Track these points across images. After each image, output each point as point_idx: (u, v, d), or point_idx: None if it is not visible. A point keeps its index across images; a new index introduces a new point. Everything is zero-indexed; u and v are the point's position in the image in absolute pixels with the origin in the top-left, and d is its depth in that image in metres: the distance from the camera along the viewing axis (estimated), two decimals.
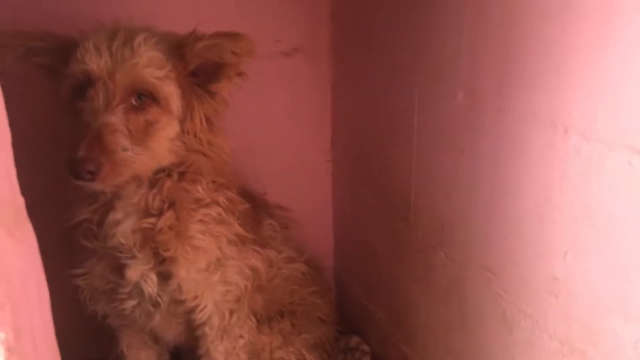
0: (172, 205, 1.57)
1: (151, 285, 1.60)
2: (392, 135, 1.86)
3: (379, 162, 1.98)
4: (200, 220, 1.61)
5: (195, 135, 1.54)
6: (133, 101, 1.46)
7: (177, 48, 1.50)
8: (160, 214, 1.56)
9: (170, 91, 1.48)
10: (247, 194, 1.87)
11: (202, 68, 1.53)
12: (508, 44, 1.34)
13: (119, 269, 1.61)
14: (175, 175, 1.56)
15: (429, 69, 1.63)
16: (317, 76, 2.24)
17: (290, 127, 2.27)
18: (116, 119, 1.42)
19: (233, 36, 1.47)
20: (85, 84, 1.45)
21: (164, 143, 1.51)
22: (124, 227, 1.56)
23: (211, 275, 1.66)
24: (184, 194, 1.57)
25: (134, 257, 1.58)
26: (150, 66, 1.46)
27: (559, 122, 1.22)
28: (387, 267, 2.02)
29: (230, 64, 1.51)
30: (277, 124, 2.25)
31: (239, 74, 1.57)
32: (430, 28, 1.59)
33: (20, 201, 0.72)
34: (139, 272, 1.59)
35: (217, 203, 1.65)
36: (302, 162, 2.33)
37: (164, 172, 1.55)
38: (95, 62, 1.43)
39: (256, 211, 1.91)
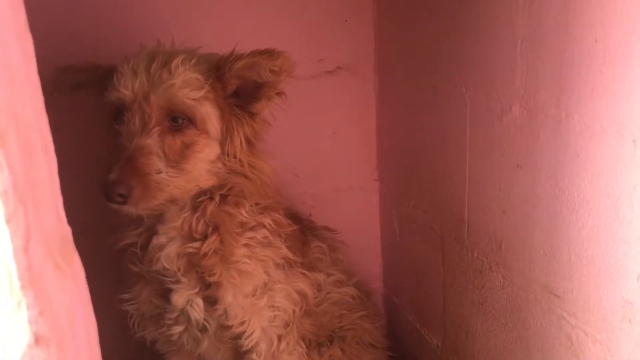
0: (216, 229, 1.54)
1: (197, 311, 1.57)
2: (442, 152, 1.80)
3: (429, 180, 1.91)
4: (246, 244, 1.57)
5: (235, 157, 1.52)
6: (169, 123, 1.44)
7: (216, 69, 1.48)
8: (204, 238, 1.53)
9: (208, 112, 1.46)
10: (293, 216, 1.83)
11: (242, 89, 1.51)
12: (566, 52, 1.26)
13: (166, 294, 1.59)
14: (217, 198, 1.53)
15: (481, 82, 1.56)
16: (362, 94, 2.20)
17: (335, 146, 2.23)
18: (151, 141, 1.41)
19: (269, 53, 1.44)
20: (122, 108, 1.45)
21: (201, 165, 1.48)
22: (168, 252, 1.54)
23: (258, 300, 1.62)
24: (227, 218, 1.54)
25: (179, 281, 1.55)
26: (186, 87, 1.44)
27: (627, 133, 1.14)
28: (440, 289, 1.94)
29: (269, 83, 1.49)
30: (322, 143, 2.21)
31: (279, 94, 1.55)
32: (482, 40, 1.53)
33: (68, 232, 0.69)
34: (185, 297, 1.56)
35: (263, 226, 1.61)
36: (348, 182, 2.28)
37: (205, 195, 1.52)
38: (130, 85, 1.43)
39: (303, 233, 1.86)
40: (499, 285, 1.61)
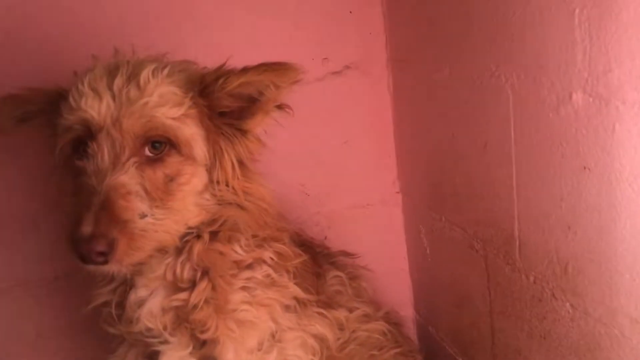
0: (205, 273, 1.27)
1: None
2: (480, 155, 1.50)
3: (465, 190, 1.61)
4: (244, 287, 1.30)
5: (227, 185, 1.26)
6: (147, 152, 1.18)
7: (200, 82, 1.23)
8: (192, 286, 1.26)
9: (192, 133, 1.21)
10: (302, 243, 1.54)
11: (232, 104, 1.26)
12: None
13: (154, 357, 1.30)
14: (206, 236, 1.26)
15: (528, 67, 1.27)
16: (375, 95, 1.93)
17: (349, 157, 1.95)
18: (128, 177, 1.14)
19: (278, 69, 1.20)
20: (84, 138, 1.18)
21: (190, 200, 1.22)
22: (150, 308, 1.27)
23: (266, 355, 1.34)
24: (218, 258, 1.27)
25: (167, 342, 1.28)
26: (164, 105, 1.18)
27: None
28: (487, 317, 1.64)
29: (268, 97, 1.25)
30: (333, 155, 1.93)
31: (279, 107, 1.30)
32: (526, 13, 1.23)
33: None
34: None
35: (263, 261, 1.34)
36: (365, 197, 2.00)
37: (191, 234, 1.26)
38: (94, 107, 1.16)
39: (316, 262, 1.56)
40: (567, 317, 1.30)
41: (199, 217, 1.25)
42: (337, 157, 1.93)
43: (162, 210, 1.17)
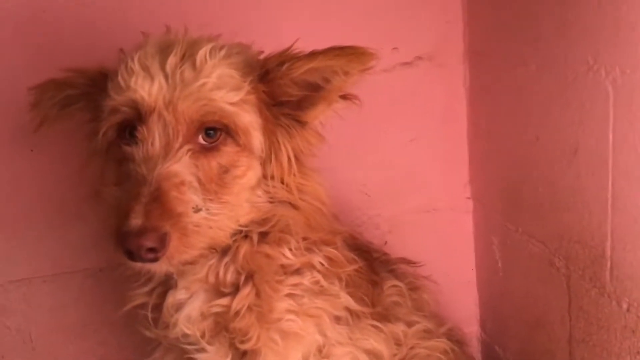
0: (250, 277, 1.16)
1: None
2: (570, 160, 1.32)
3: (548, 199, 1.43)
4: (290, 295, 1.18)
5: (281, 181, 1.15)
6: (202, 140, 1.07)
7: (261, 67, 1.13)
8: (235, 291, 1.15)
9: (251, 121, 1.10)
10: (358, 247, 1.41)
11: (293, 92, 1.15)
12: None
13: None
14: (255, 237, 1.15)
15: (635, 61, 1.07)
16: (449, 89, 1.76)
17: (416, 156, 1.79)
18: (181, 166, 1.03)
19: (351, 53, 1.09)
20: (132, 121, 1.08)
21: (244, 195, 1.12)
22: (188, 312, 1.16)
23: None
24: (265, 261, 1.16)
25: (204, 350, 1.17)
26: (222, 88, 1.07)
27: None
28: (565, 344, 1.45)
29: (334, 85, 1.12)
30: (399, 153, 1.78)
31: (344, 97, 1.17)
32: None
33: None
34: None
35: (312, 267, 1.21)
36: (432, 201, 1.84)
37: (239, 234, 1.14)
38: (144, 87, 1.05)
39: (373, 270, 1.42)
40: None
41: (250, 216, 1.14)
42: (402, 156, 1.77)
43: (217, 205, 1.06)
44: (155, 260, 1.00)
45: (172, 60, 1.07)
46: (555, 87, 1.34)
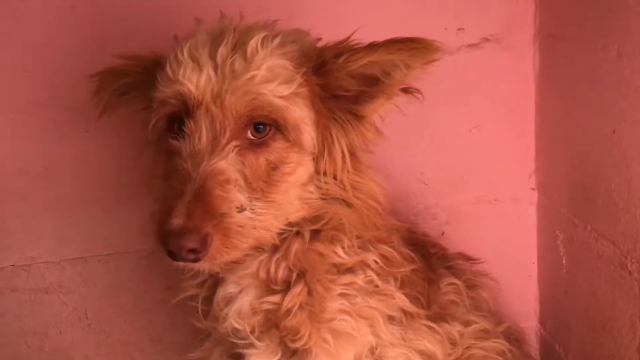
0: (302, 275, 1.12)
1: None
2: None
3: (624, 196, 1.33)
4: (342, 294, 1.14)
5: (335, 177, 1.09)
6: (250, 135, 1.03)
7: (317, 58, 1.06)
8: (286, 288, 1.12)
9: (302, 116, 1.04)
10: (415, 242, 1.35)
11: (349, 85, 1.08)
12: None
13: (239, 358, 1.18)
14: (307, 235, 1.11)
15: None
16: (516, 74, 1.66)
17: (478, 144, 1.70)
18: (227, 163, 1.00)
19: (414, 46, 1.01)
20: (180, 114, 1.04)
21: (293, 192, 1.07)
22: (239, 307, 1.14)
23: None
24: (317, 259, 1.12)
25: (253, 346, 1.14)
26: (273, 81, 1.02)
27: None
28: (634, 353, 1.36)
29: (395, 79, 1.05)
30: (460, 141, 1.70)
31: (405, 90, 1.10)
32: None
33: None
34: None
35: (367, 265, 1.16)
36: (494, 191, 1.74)
37: (290, 231, 1.11)
38: (192, 79, 1.01)
39: (430, 267, 1.36)
40: None
41: (301, 213, 1.10)
42: (464, 143, 1.68)
43: (263, 204, 1.03)
44: (196, 260, 0.98)
45: (222, 51, 1.03)
46: (637, 75, 1.23)
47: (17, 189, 1.61)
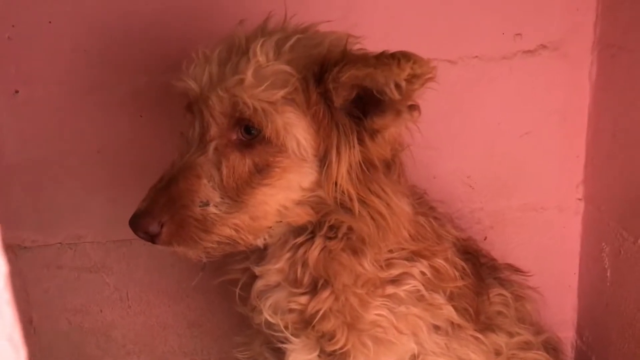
0: (328, 283, 1.12)
1: None
2: None
3: None
4: (382, 305, 1.14)
5: (341, 187, 1.06)
6: (239, 135, 1.04)
7: (321, 65, 1.03)
8: (313, 290, 1.13)
9: (289, 122, 1.02)
10: (468, 251, 1.35)
11: (361, 94, 1.05)
12: None
13: (279, 351, 1.21)
14: (319, 242, 1.10)
15: None
16: (572, 82, 1.62)
17: (528, 151, 1.68)
18: (205, 159, 1.04)
19: (389, 62, 0.95)
20: (189, 107, 1.11)
21: (281, 196, 1.06)
22: (273, 302, 1.16)
23: None
24: (343, 271, 1.11)
25: (289, 341, 1.17)
26: (260, 85, 1.01)
27: None
28: None
29: (391, 98, 1.00)
30: (509, 146, 1.68)
31: (411, 108, 1.05)
32: None
33: None
34: None
35: (412, 276, 1.16)
36: (541, 199, 1.72)
37: (304, 236, 1.12)
38: (196, 76, 1.06)
39: (480, 277, 1.35)
40: None
41: (303, 217, 1.10)
42: (513, 149, 1.66)
43: (233, 202, 1.04)
44: (151, 241, 1.05)
45: (234, 52, 1.06)
46: None
47: (69, 168, 1.64)
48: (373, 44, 1.10)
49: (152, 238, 1.04)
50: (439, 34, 1.57)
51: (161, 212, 1.02)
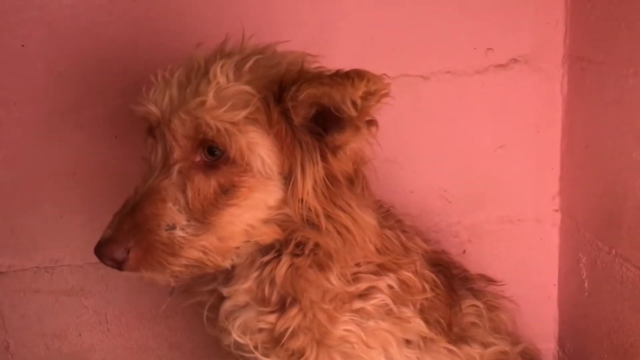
0: (295, 300, 1.12)
1: None
2: None
3: None
4: (350, 320, 1.14)
5: (307, 204, 1.06)
6: (203, 157, 1.04)
7: (279, 84, 1.05)
8: (281, 308, 1.13)
9: (253, 142, 1.02)
10: (439, 263, 1.35)
11: (320, 112, 1.06)
12: None
13: None
14: (285, 259, 1.10)
15: None
16: (544, 95, 1.65)
17: (503, 164, 1.69)
18: (169, 182, 1.04)
19: (343, 81, 0.97)
20: (150, 131, 1.11)
21: (248, 216, 1.06)
22: (242, 322, 1.15)
23: None
24: (309, 287, 1.11)
25: None
26: (222, 106, 1.01)
27: None
28: None
29: (348, 114, 1.02)
30: (485, 160, 1.69)
31: (370, 123, 1.07)
32: None
33: None
34: None
35: (379, 290, 1.16)
36: (517, 211, 1.73)
37: (270, 254, 1.12)
38: (157, 100, 1.06)
39: (452, 288, 1.35)
40: None
41: (271, 235, 1.09)
42: (489, 162, 1.68)
43: (200, 225, 1.04)
44: (119, 268, 1.02)
45: (193, 75, 1.06)
46: None
47: (44, 191, 1.64)
48: (346, 62, 1.11)
49: (119, 265, 1.02)
50: (411, 50, 1.58)
51: (127, 237, 1.01)
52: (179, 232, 1.03)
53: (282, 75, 1.05)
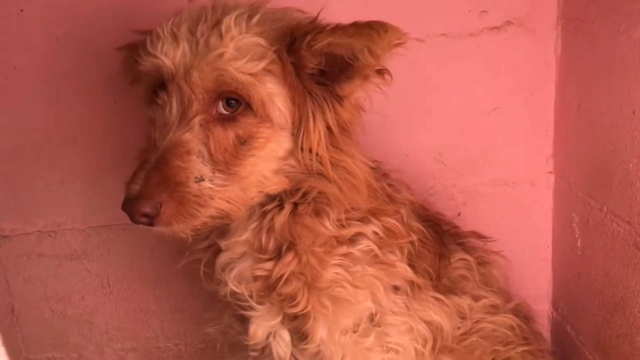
0: (291, 246, 1.15)
1: (283, 347, 1.21)
2: None
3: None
4: (338, 264, 1.17)
5: (312, 153, 1.11)
6: (221, 109, 1.06)
7: (290, 36, 1.07)
8: (277, 256, 1.16)
9: (271, 92, 1.06)
10: (429, 219, 1.39)
11: (326, 63, 1.09)
12: None
13: (245, 320, 1.24)
14: (288, 207, 1.14)
15: None
16: (538, 57, 1.66)
17: (497, 126, 1.71)
18: (191, 135, 1.05)
19: (370, 32, 1.01)
20: (157, 86, 1.10)
21: (265, 166, 1.10)
22: (237, 272, 1.19)
23: (363, 338, 1.21)
24: (304, 232, 1.15)
25: (253, 309, 1.20)
26: (242, 58, 1.04)
27: None
28: None
29: (363, 63, 1.06)
30: (479, 122, 1.71)
31: (380, 72, 1.10)
32: None
33: None
34: (265, 328, 1.21)
35: (365, 236, 1.20)
36: (511, 174, 1.76)
37: (272, 203, 1.15)
38: (169, 53, 1.06)
39: (442, 242, 1.40)
40: None
41: (280, 186, 1.13)
42: (483, 125, 1.69)
43: (225, 176, 1.06)
44: (151, 224, 1.03)
45: (201, 28, 1.07)
46: None
47: (45, 157, 1.67)
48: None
49: (151, 220, 1.02)
50: (406, 12, 1.59)
51: (157, 192, 1.00)
52: (207, 184, 1.05)
53: (292, 27, 1.08)
